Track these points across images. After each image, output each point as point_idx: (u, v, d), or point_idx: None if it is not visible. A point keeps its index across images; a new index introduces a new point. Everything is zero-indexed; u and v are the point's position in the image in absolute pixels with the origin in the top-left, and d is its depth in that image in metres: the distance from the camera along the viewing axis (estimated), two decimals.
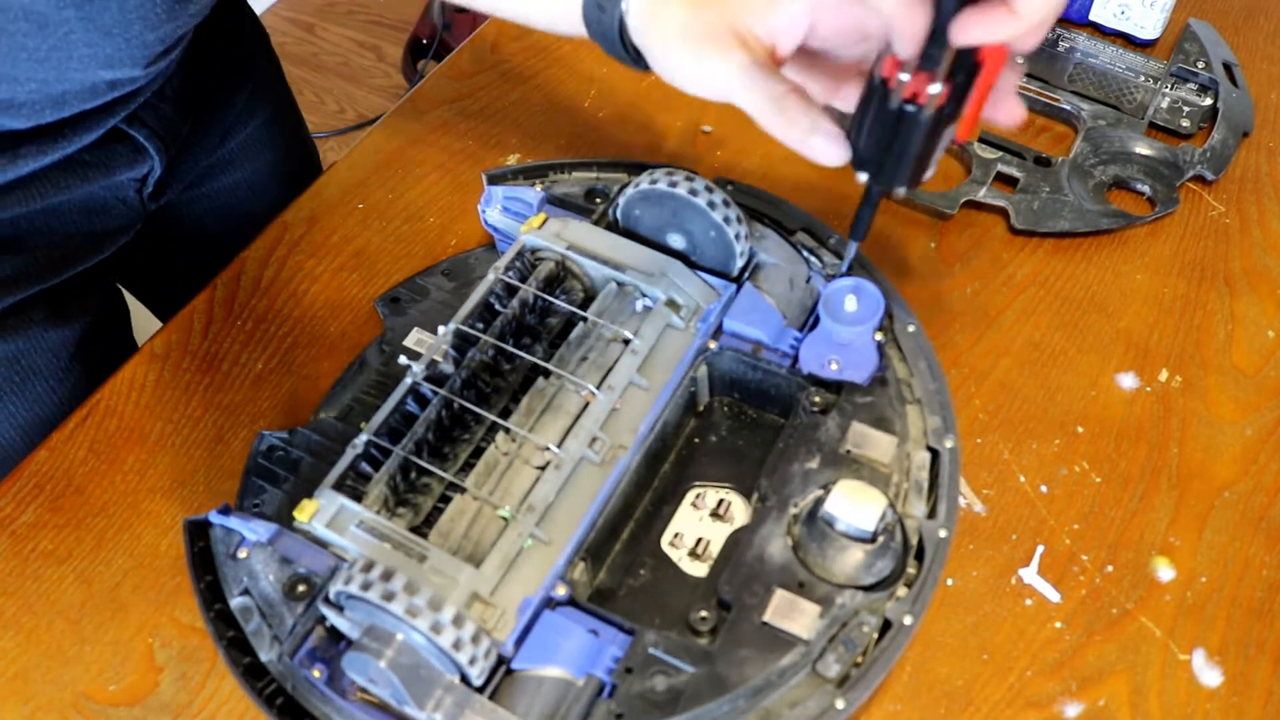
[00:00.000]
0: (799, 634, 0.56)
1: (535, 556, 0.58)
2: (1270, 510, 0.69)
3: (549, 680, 0.55)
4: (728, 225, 0.67)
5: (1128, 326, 0.78)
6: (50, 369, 0.81)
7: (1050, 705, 0.62)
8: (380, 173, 0.87)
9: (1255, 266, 0.81)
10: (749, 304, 0.68)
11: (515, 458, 0.62)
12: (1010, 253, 0.82)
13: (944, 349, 0.76)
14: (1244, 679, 0.63)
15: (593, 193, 0.76)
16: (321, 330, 0.78)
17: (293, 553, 0.59)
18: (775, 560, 0.58)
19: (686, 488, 0.66)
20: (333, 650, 0.57)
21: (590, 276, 0.69)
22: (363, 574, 0.53)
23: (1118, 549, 0.68)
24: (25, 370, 0.80)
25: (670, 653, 0.55)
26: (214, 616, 0.58)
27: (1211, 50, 0.93)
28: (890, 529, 0.58)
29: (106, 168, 0.79)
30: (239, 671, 0.57)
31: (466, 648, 0.52)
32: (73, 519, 0.69)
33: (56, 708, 0.62)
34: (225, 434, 0.73)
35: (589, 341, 0.66)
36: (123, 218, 0.84)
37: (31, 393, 0.81)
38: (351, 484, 0.61)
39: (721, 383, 0.69)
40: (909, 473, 0.62)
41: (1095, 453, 0.72)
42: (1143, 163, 0.86)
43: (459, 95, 0.93)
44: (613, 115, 0.91)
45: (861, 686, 0.55)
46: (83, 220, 0.81)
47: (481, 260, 0.78)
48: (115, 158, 0.79)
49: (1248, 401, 0.74)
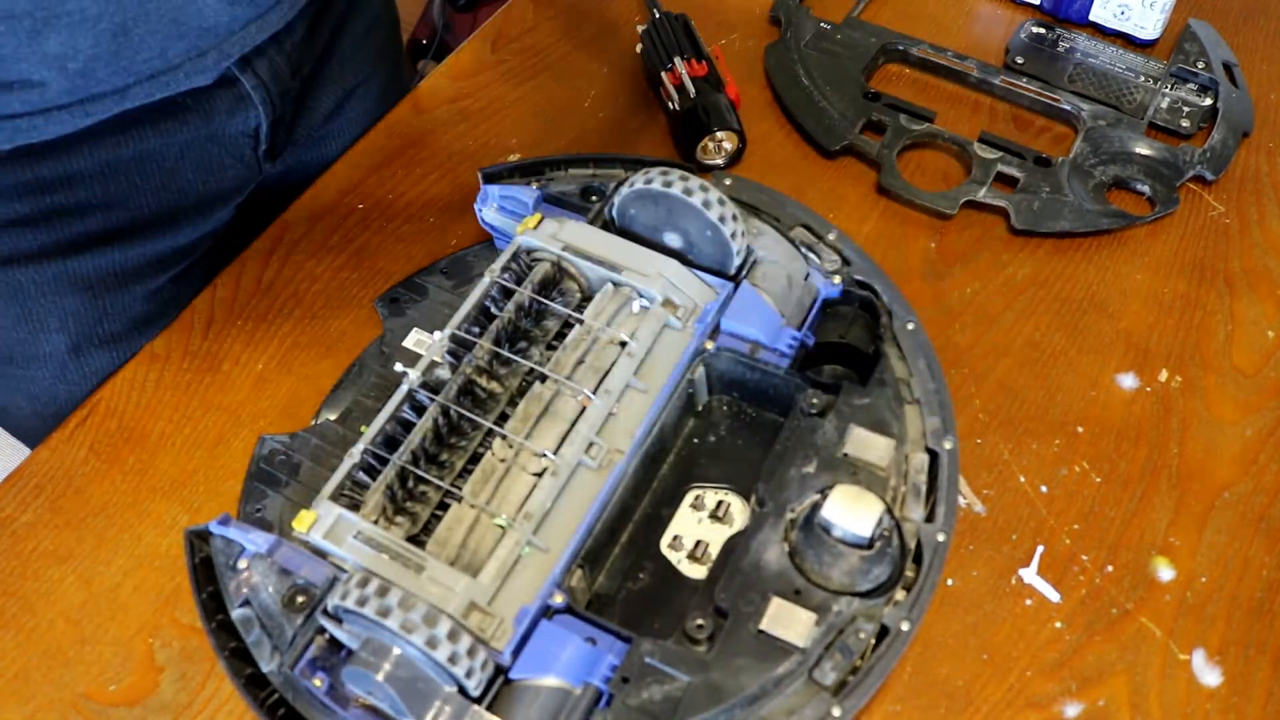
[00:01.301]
0: (795, 642, 0.56)
1: (532, 564, 0.58)
2: (1270, 510, 0.69)
3: (546, 690, 0.55)
4: (724, 224, 0.67)
5: (1128, 326, 0.78)
6: (145, 336, 0.82)
7: (1050, 705, 0.62)
8: (380, 173, 0.87)
9: (1255, 266, 0.81)
10: (747, 303, 0.68)
11: (512, 464, 0.62)
12: (1010, 253, 0.82)
13: (944, 349, 0.76)
14: (1244, 679, 0.63)
15: (589, 191, 0.75)
16: (321, 330, 0.78)
17: (292, 563, 0.59)
18: (771, 567, 0.58)
19: (685, 489, 0.66)
20: (333, 660, 0.57)
21: (587, 277, 0.69)
22: (358, 589, 0.53)
23: (1118, 549, 0.68)
24: (122, 332, 0.82)
25: (667, 661, 0.55)
26: (215, 627, 0.58)
27: (1211, 50, 0.92)
28: (887, 534, 0.58)
29: (205, 114, 0.79)
30: (240, 682, 0.57)
31: (463, 661, 0.52)
32: (73, 519, 0.69)
33: (56, 708, 0.63)
34: (225, 434, 0.73)
35: (585, 344, 0.66)
36: (237, 177, 0.85)
37: (121, 356, 0.80)
38: (349, 494, 0.61)
39: (720, 383, 0.69)
40: (907, 476, 0.62)
41: (1095, 453, 0.72)
42: (1143, 163, 0.86)
43: (459, 95, 0.93)
44: (613, 115, 0.91)
45: (858, 694, 0.55)
46: (195, 178, 0.82)
47: (480, 258, 0.77)
48: (215, 103, 0.79)
49: (1248, 401, 0.74)
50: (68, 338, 0.80)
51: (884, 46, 0.94)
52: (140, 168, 0.78)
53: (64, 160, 0.74)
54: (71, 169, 0.75)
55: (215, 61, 0.75)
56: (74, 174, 0.75)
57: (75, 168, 0.75)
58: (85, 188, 0.76)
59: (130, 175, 0.78)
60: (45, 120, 0.71)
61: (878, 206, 0.84)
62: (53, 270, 0.77)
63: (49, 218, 0.76)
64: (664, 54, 0.90)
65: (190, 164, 0.81)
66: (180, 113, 0.77)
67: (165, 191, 0.80)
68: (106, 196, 0.77)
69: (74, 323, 0.80)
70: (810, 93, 0.90)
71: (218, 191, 0.84)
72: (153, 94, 0.73)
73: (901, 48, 0.94)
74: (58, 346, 0.80)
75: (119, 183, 0.78)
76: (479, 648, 0.54)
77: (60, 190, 0.75)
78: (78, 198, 0.76)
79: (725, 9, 0.99)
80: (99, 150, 0.75)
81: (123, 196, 0.78)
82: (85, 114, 0.71)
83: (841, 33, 0.95)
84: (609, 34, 0.97)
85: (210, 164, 0.82)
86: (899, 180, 0.84)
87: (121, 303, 0.82)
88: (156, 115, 0.76)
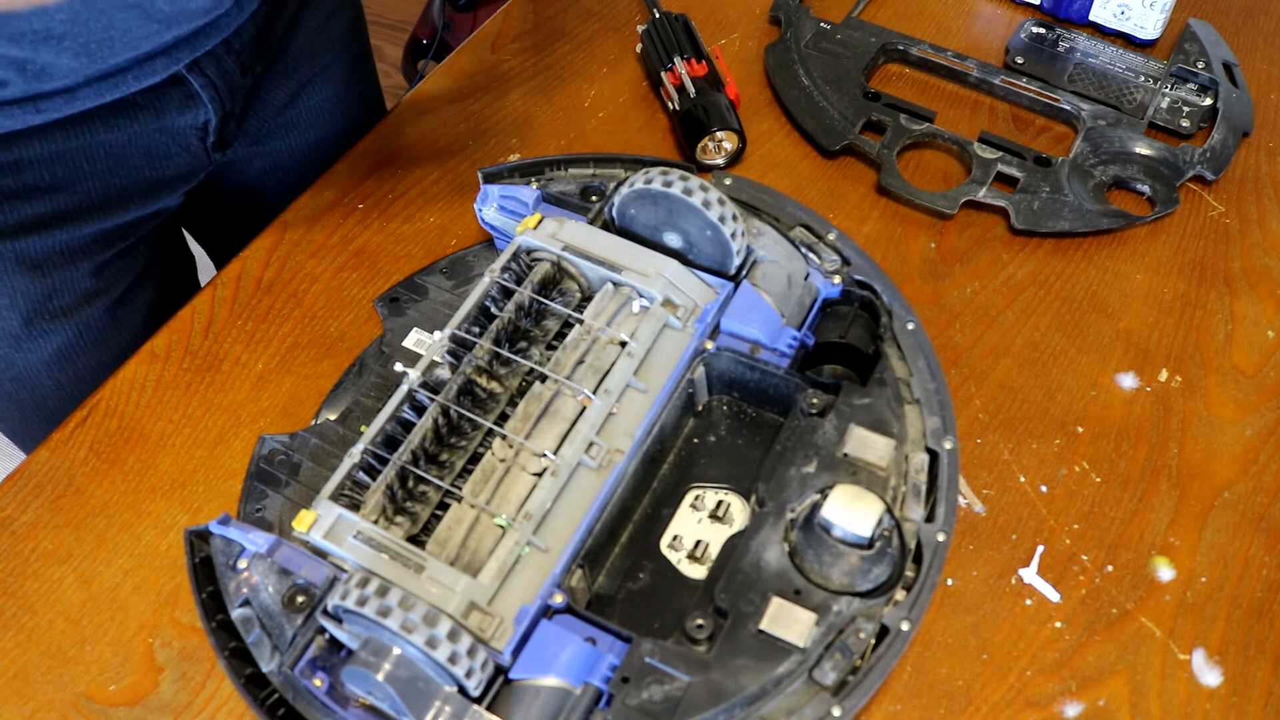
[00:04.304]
0: (795, 642, 0.56)
1: (532, 564, 0.58)
2: (1270, 510, 0.69)
3: (546, 690, 0.55)
4: (723, 224, 0.67)
5: (1128, 326, 0.78)
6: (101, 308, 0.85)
7: (1050, 705, 0.62)
8: (380, 173, 0.87)
9: (1255, 266, 0.81)
10: (747, 303, 0.68)
11: (512, 464, 0.62)
12: (1010, 253, 0.82)
13: (944, 349, 0.76)
14: (1244, 679, 0.63)
15: (589, 191, 0.75)
16: (321, 330, 0.78)
17: (292, 563, 0.59)
18: (771, 567, 0.58)
19: (685, 489, 0.66)
20: (333, 660, 0.57)
21: (586, 277, 0.69)
22: (358, 589, 0.53)
23: (1118, 549, 0.68)
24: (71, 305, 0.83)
25: (666, 661, 0.55)
26: (215, 627, 0.58)
27: (1211, 50, 0.92)
28: (887, 534, 0.58)
29: (156, 110, 0.79)
30: (240, 682, 0.57)
31: (463, 661, 0.52)
32: (73, 519, 0.69)
33: (56, 708, 0.63)
34: (225, 434, 0.73)
35: (585, 344, 0.66)
36: (184, 166, 0.85)
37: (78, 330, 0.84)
38: (349, 493, 0.61)
39: (720, 383, 0.69)
40: (907, 476, 0.62)
41: (1095, 453, 0.72)
42: (1143, 163, 0.86)
43: (459, 95, 0.93)
44: (612, 115, 0.91)
45: (858, 694, 0.55)
46: (142, 164, 0.82)
47: (480, 258, 0.78)
48: (166, 102, 0.80)
49: (1248, 401, 0.74)
50: (18, 314, 0.81)
51: (884, 46, 0.94)
52: (88, 154, 0.79)
53: (13, 147, 0.75)
54: (20, 155, 0.75)
55: (164, 66, 0.76)
56: (22, 160, 0.75)
57: (24, 154, 0.75)
58: (33, 172, 0.76)
59: (78, 161, 0.78)
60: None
61: (878, 206, 0.84)
62: (1, 250, 0.78)
63: None
64: (664, 54, 0.90)
65: (138, 152, 0.81)
66: (130, 109, 0.78)
67: (113, 176, 0.81)
68: (54, 180, 0.78)
69: (24, 300, 0.80)
70: (810, 93, 0.90)
71: (164, 178, 0.85)
72: (103, 95, 0.74)
73: (901, 48, 0.94)
74: (10, 321, 0.81)
75: (67, 167, 0.78)
76: (479, 648, 0.54)
77: (8, 174, 0.76)
78: (25, 181, 0.76)
79: (725, 9, 0.99)
80: (49, 140, 0.76)
81: (70, 180, 0.79)
82: (36, 110, 0.72)
83: (841, 33, 0.95)
84: (609, 34, 0.97)
85: (158, 152, 0.83)
86: (899, 180, 0.84)
87: (69, 278, 0.82)
88: (106, 111, 0.77)
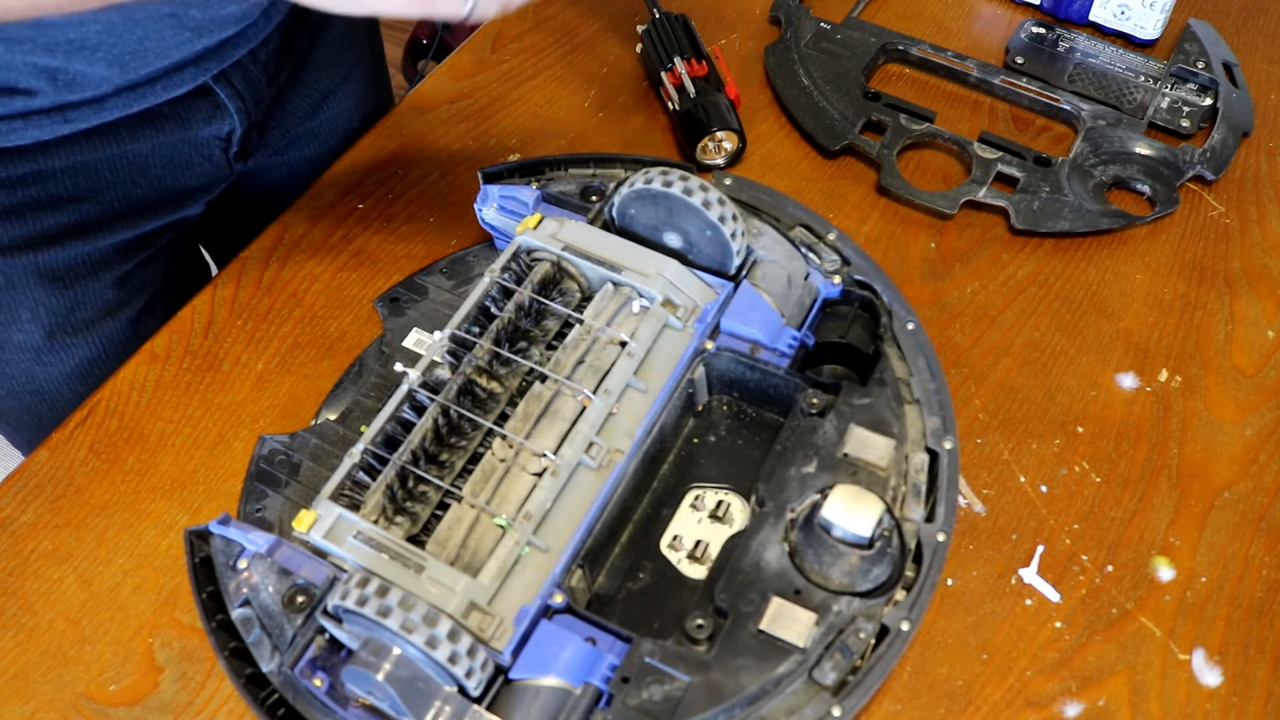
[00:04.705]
0: (795, 642, 0.56)
1: (532, 564, 0.58)
2: (1270, 510, 0.69)
3: (546, 690, 0.55)
4: (723, 224, 0.67)
5: (1128, 326, 0.78)
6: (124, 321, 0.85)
7: (1050, 705, 0.62)
8: (380, 173, 0.87)
9: (1255, 266, 0.81)
10: (747, 303, 0.68)
11: (512, 464, 0.62)
12: (1010, 253, 0.82)
13: (944, 349, 0.76)
14: (1244, 679, 0.63)
15: (589, 191, 0.75)
16: (321, 330, 0.78)
17: (292, 563, 0.59)
18: (771, 567, 0.58)
19: (685, 489, 0.65)
20: (333, 659, 0.57)
21: (587, 277, 0.69)
22: (358, 589, 0.53)
23: (1118, 549, 0.68)
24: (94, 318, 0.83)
25: (666, 661, 0.55)
26: (215, 627, 0.58)
27: (1211, 50, 0.92)
28: (887, 534, 0.58)
29: (182, 121, 0.80)
30: (240, 682, 0.57)
31: (463, 661, 0.52)
32: (73, 519, 0.69)
33: (56, 708, 0.63)
34: (225, 434, 0.73)
35: (585, 344, 0.66)
36: (207, 176, 0.86)
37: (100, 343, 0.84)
38: (349, 494, 0.60)
39: (720, 382, 0.69)
40: (907, 476, 0.62)
41: (1095, 453, 0.72)
42: (1143, 163, 0.86)
43: (459, 95, 0.93)
44: (613, 115, 0.91)
45: (858, 693, 0.55)
46: (165, 174, 0.83)
47: (480, 258, 0.78)
48: (192, 112, 0.80)
49: (1248, 401, 0.74)
50: (41, 327, 0.81)
51: (884, 46, 0.94)
52: (111, 164, 0.79)
53: (38, 158, 0.75)
54: (44, 166, 0.76)
55: (192, 76, 0.76)
56: (46, 171, 0.76)
57: (48, 165, 0.76)
58: (57, 183, 0.77)
59: (102, 171, 0.79)
60: (25, 124, 0.72)
61: (878, 206, 0.84)
62: (24, 262, 0.78)
63: (20, 212, 0.76)
64: (664, 54, 0.90)
65: (161, 162, 0.82)
66: (156, 119, 0.79)
67: (135, 186, 0.81)
68: (77, 191, 0.78)
69: (46, 313, 0.81)
70: (810, 93, 0.90)
71: (186, 188, 0.86)
72: (131, 105, 0.75)
73: (901, 48, 0.94)
74: (33, 335, 0.81)
75: (90, 178, 0.78)
76: (479, 648, 0.54)
77: (32, 185, 0.76)
78: (48, 192, 0.77)
79: (725, 9, 0.99)
80: (74, 151, 0.76)
81: (93, 191, 0.79)
82: (64, 120, 0.73)
83: (841, 33, 0.95)
84: (609, 34, 0.97)
85: (180, 162, 0.83)
86: (899, 180, 0.84)
87: (92, 290, 0.83)
88: (133, 121, 0.77)
